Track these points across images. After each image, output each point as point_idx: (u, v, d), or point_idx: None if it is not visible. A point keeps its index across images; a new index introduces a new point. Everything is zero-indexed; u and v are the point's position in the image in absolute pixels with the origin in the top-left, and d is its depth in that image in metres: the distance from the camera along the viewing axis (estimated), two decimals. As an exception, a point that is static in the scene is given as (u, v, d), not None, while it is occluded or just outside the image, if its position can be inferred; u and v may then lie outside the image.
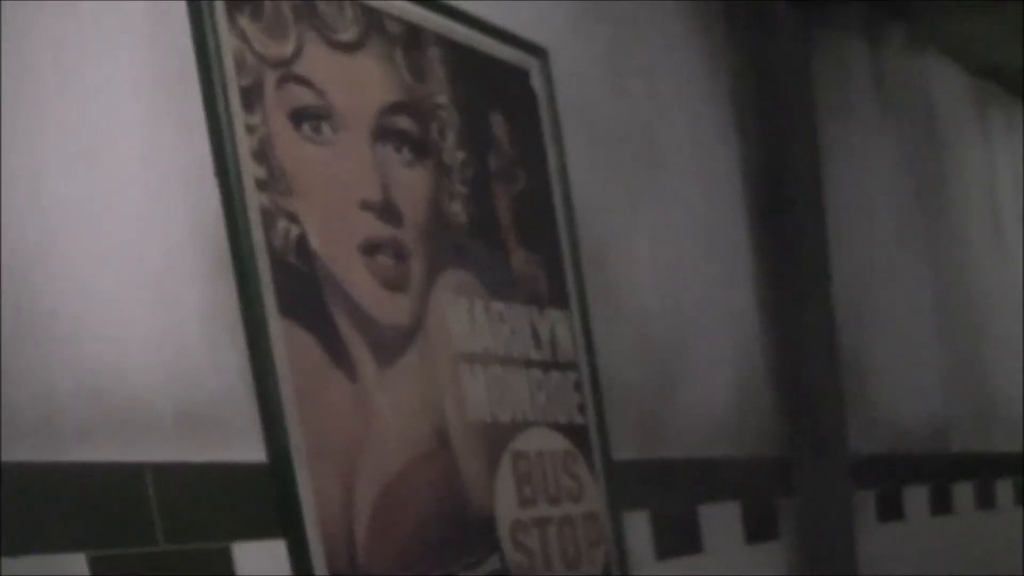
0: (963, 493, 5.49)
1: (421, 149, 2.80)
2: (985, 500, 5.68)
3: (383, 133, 2.71)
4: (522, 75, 3.18)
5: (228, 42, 2.38)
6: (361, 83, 2.69)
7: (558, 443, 3.06)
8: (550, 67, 3.25)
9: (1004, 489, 5.88)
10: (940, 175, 5.74)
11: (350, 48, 2.68)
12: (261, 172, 2.40)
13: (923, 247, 5.49)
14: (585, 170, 3.38)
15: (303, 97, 2.54)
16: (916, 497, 5.10)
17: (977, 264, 5.98)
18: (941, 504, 5.28)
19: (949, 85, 5.91)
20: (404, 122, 2.78)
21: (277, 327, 2.36)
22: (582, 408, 3.17)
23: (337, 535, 2.42)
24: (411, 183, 2.75)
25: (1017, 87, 6.39)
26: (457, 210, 2.88)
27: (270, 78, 2.47)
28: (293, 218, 2.45)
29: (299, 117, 2.52)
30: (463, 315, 2.82)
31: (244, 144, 2.37)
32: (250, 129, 2.39)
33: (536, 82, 3.20)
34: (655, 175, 3.75)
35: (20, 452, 1.92)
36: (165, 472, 2.14)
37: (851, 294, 4.69)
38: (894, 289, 5.20)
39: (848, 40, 5.04)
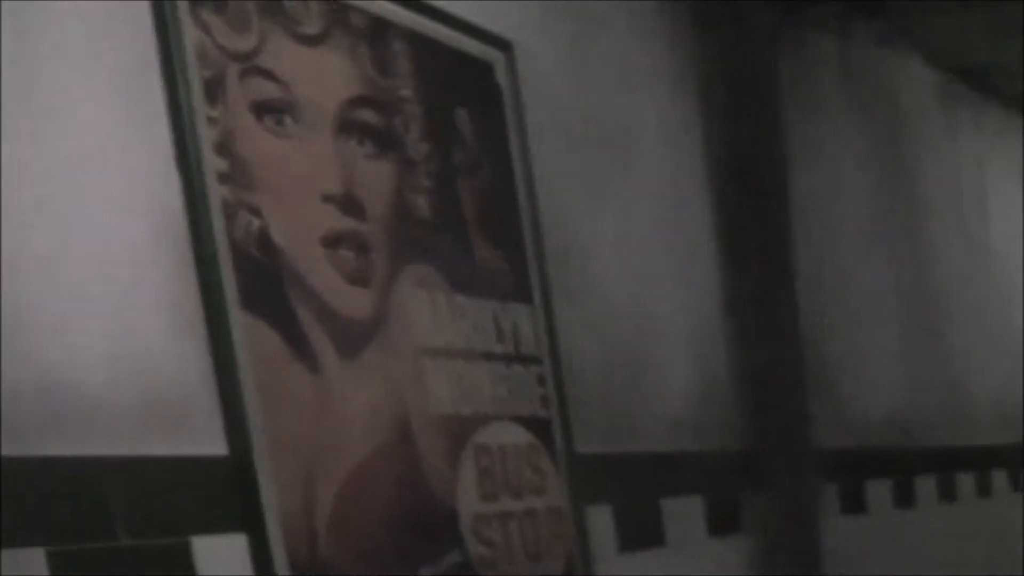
0: (926, 486, 5.51)
1: (385, 143, 2.80)
2: (947, 493, 5.71)
3: (347, 126, 2.71)
4: (487, 69, 3.17)
5: (190, 34, 2.37)
6: (325, 76, 2.68)
7: (521, 437, 3.06)
8: (515, 61, 3.25)
9: (966, 482, 5.91)
10: (907, 172, 5.77)
11: (314, 41, 2.67)
12: (223, 165, 2.39)
13: (889, 243, 5.52)
14: (550, 165, 3.38)
15: (266, 90, 2.53)
16: (879, 490, 5.12)
17: (942, 260, 6.01)
18: (904, 497, 5.31)
19: (917, 84, 5.93)
20: (368, 115, 2.77)
21: (238, 321, 2.35)
22: (545, 402, 3.17)
23: (298, 529, 2.42)
24: (374, 177, 2.75)
25: (984, 86, 6.42)
26: (421, 204, 2.87)
27: (233, 71, 2.46)
28: (255, 211, 2.44)
29: (262, 110, 2.51)
30: (426, 309, 2.82)
31: (206, 137, 2.37)
32: (212, 122, 2.39)
33: (501, 76, 3.20)
34: (621, 170, 3.76)
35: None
36: (125, 466, 2.13)
37: (816, 289, 4.71)
38: (859, 284, 5.22)
39: (817, 37, 5.06)
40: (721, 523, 4.00)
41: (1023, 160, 7.03)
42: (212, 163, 2.36)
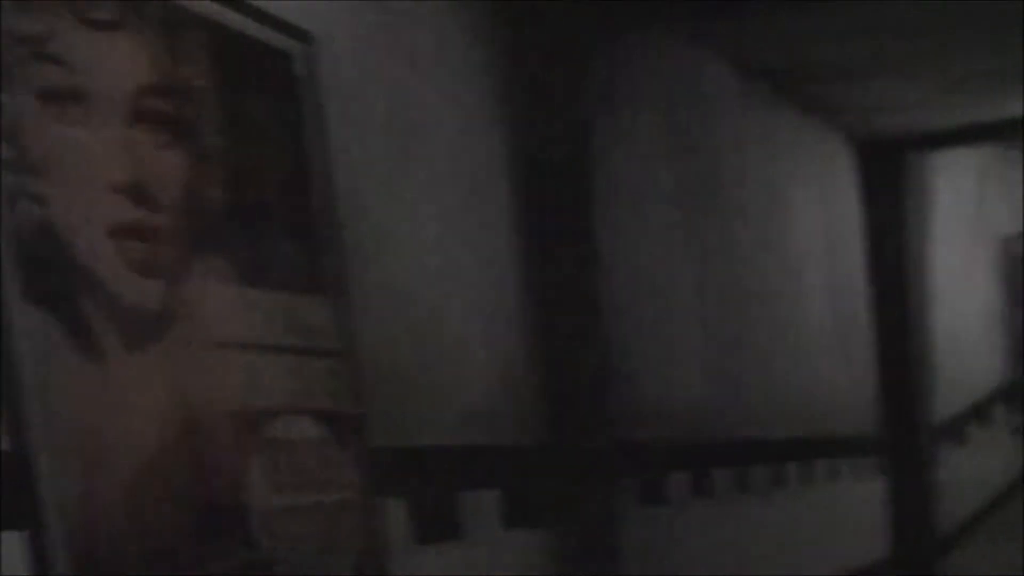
0: (724, 477, 5.63)
1: (179, 132, 2.75)
2: (744, 484, 5.83)
3: (139, 115, 2.65)
4: (286, 59, 3.15)
5: (-25, 17, 2.31)
6: (117, 63, 2.63)
7: (314, 430, 3.05)
8: (315, 52, 3.23)
9: (763, 473, 6.05)
10: (711, 172, 5.87)
11: (107, 27, 2.62)
12: (7, 152, 2.33)
13: (693, 240, 5.61)
14: (350, 156, 3.37)
15: (55, 76, 2.47)
16: (678, 482, 5.21)
17: (744, 258, 6.14)
18: (702, 488, 5.41)
19: (723, 84, 6.04)
20: (161, 104, 2.72)
21: (19, 312, 2.29)
22: (340, 395, 3.15)
23: (82, 527, 2.36)
24: (167, 167, 2.70)
25: (785, 88, 6.56)
26: (215, 195, 2.84)
27: (20, 56, 2.40)
28: (40, 200, 2.38)
29: (50, 97, 2.45)
30: (217, 301, 2.79)
31: (-10, 123, 2.31)
32: (-3, 108, 2.33)
33: (299, 67, 3.17)
34: (421, 162, 3.76)
35: None
36: None
37: (617, 282, 4.77)
38: (662, 279, 5.30)
39: (624, 34, 5.11)
40: (519, 516, 4.03)
41: (822, 162, 7.22)
42: (-5, 151, 2.30)
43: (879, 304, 7.71)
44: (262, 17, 3.05)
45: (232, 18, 2.96)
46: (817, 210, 7.10)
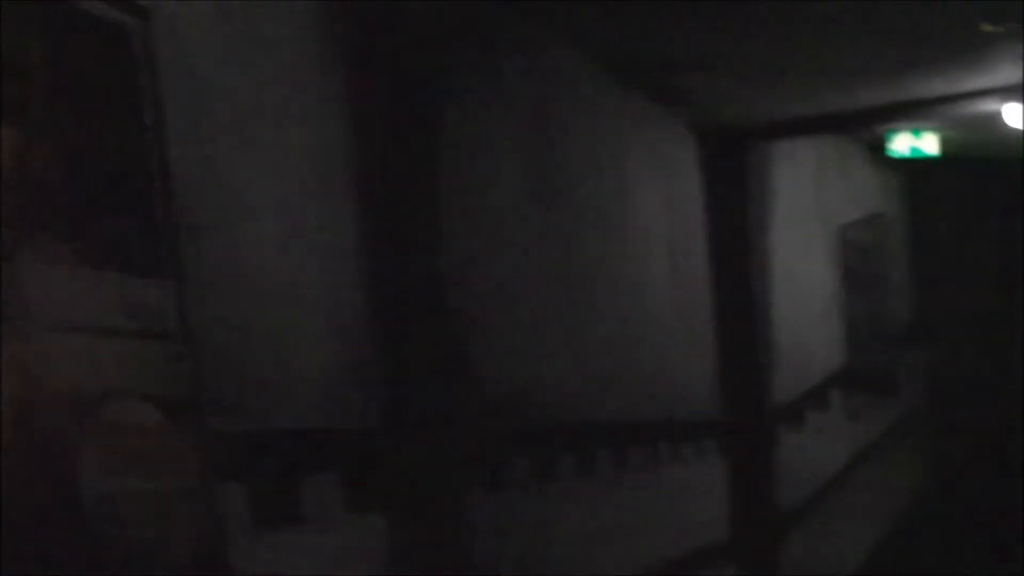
0: (567, 461, 5.67)
1: (8, 109, 2.68)
2: (587, 467, 5.88)
3: (-34, 90, 2.58)
4: (123, 36, 3.08)
5: None
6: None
7: (151, 414, 2.99)
8: (154, 29, 3.16)
9: (606, 456, 6.11)
10: (558, 155, 5.90)
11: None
12: None
13: (538, 225, 5.63)
14: (190, 135, 3.31)
15: None
16: (521, 466, 5.23)
17: (591, 243, 6.18)
18: (546, 472, 5.44)
19: (569, 72, 6.07)
20: (-11, 80, 2.65)
21: None
22: (178, 379, 3.10)
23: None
24: (-4, 144, 2.64)
25: (631, 77, 6.62)
26: (48, 174, 2.76)
27: None
28: None
29: None
30: (52, 283, 2.72)
31: None
32: None
33: (136, 43, 3.10)
34: (263, 144, 3.72)
35: None
36: None
37: (464, 270, 4.77)
38: (507, 265, 5.32)
39: (474, 24, 5.11)
40: (362, 501, 4.02)
41: (667, 150, 7.31)
42: None
43: (721, 290, 7.82)
44: (98, -8, 2.99)
45: (66, -8, 2.89)
46: (661, 197, 7.18)
